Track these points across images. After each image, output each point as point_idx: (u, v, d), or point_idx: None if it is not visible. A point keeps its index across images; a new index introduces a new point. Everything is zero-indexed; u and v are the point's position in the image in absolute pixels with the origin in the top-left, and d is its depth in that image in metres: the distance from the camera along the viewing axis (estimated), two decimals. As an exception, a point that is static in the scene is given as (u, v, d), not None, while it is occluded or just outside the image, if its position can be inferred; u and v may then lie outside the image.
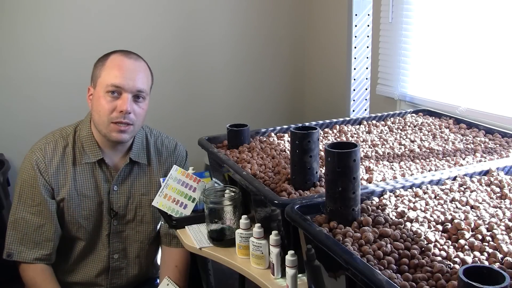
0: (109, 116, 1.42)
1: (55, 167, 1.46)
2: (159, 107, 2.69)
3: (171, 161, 1.61)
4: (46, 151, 1.47)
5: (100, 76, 1.44)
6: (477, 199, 1.07)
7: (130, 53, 1.48)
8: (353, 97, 2.61)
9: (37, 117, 2.50)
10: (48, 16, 2.46)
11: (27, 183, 1.46)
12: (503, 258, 0.84)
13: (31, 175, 1.45)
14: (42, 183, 1.45)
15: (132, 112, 1.43)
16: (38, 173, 1.45)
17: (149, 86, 1.51)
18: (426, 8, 2.03)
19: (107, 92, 1.41)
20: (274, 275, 1.14)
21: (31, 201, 1.45)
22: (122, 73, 1.42)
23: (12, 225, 1.46)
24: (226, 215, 1.29)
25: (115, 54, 1.46)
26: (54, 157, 1.47)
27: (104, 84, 1.42)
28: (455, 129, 1.64)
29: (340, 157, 0.95)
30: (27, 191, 1.46)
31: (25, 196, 1.46)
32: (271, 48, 2.96)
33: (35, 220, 1.45)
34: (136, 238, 1.57)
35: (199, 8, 2.75)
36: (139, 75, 1.45)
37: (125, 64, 1.44)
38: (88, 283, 1.56)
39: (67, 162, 1.48)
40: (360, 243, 0.89)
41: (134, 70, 1.44)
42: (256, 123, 2.42)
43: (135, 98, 1.44)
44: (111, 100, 1.41)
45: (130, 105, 1.42)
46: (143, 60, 1.51)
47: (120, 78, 1.41)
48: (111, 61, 1.44)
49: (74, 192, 1.47)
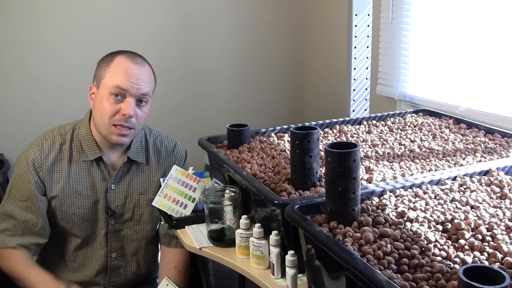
0: (111, 119, 1.42)
1: (50, 163, 1.47)
2: (159, 107, 2.69)
3: (170, 160, 1.60)
4: (43, 147, 1.48)
5: (104, 77, 1.43)
6: (477, 199, 1.07)
7: (135, 56, 1.48)
8: (353, 97, 2.61)
9: (37, 117, 2.50)
10: (48, 16, 2.46)
11: (20, 178, 1.47)
12: (503, 258, 0.84)
13: (24, 170, 1.46)
14: (34, 180, 1.45)
15: (134, 116, 1.43)
16: (32, 169, 1.46)
17: (152, 90, 1.51)
18: (426, 8, 2.03)
19: (111, 94, 1.41)
20: (274, 275, 1.14)
21: (20, 195, 1.47)
22: (127, 77, 1.41)
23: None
24: (226, 215, 1.29)
25: (121, 56, 1.45)
26: (50, 153, 1.48)
27: (109, 86, 1.41)
28: (455, 129, 1.64)
29: (340, 157, 0.95)
30: (18, 185, 1.47)
31: (15, 190, 1.48)
32: (271, 48, 2.96)
33: (22, 214, 1.46)
34: (134, 237, 1.57)
35: (199, 8, 2.75)
36: (144, 80, 1.45)
37: (131, 68, 1.43)
38: (86, 282, 1.56)
39: (63, 159, 1.48)
40: (360, 243, 0.89)
41: (140, 75, 1.44)
42: (256, 123, 2.41)
43: (138, 102, 1.44)
44: (115, 102, 1.41)
45: (133, 109, 1.42)
46: (148, 64, 1.50)
47: (126, 81, 1.41)
48: (117, 64, 1.43)
49: (68, 189, 1.47)
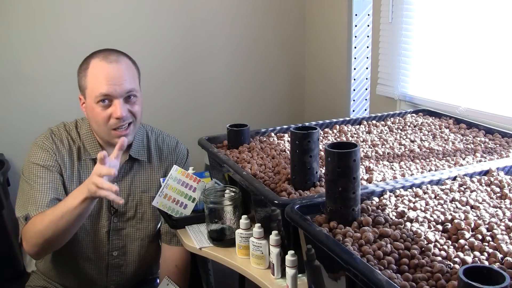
0: (107, 125, 1.42)
1: (65, 156, 1.47)
2: (159, 107, 2.70)
3: (172, 158, 1.61)
4: (54, 139, 1.48)
5: (86, 87, 1.42)
6: (477, 199, 1.07)
7: (109, 54, 1.44)
8: (353, 97, 2.62)
9: (37, 117, 2.50)
10: (49, 15, 2.46)
11: (39, 147, 1.44)
12: (503, 258, 0.84)
13: (47, 145, 1.45)
14: (54, 159, 1.44)
15: (128, 112, 1.43)
16: (51, 151, 1.44)
17: (137, 81, 1.48)
18: (426, 8, 2.03)
19: (97, 102, 1.40)
20: (274, 275, 1.14)
21: (41, 160, 1.44)
22: (107, 81, 1.39)
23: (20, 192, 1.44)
24: (226, 215, 1.29)
25: (95, 59, 1.42)
26: (61, 146, 1.48)
27: (93, 95, 1.40)
28: (455, 129, 1.64)
29: (340, 157, 0.95)
30: (39, 153, 1.45)
31: (35, 155, 1.45)
32: (271, 48, 2.96)
33: (43, 173, 1.43)
34: (136, 235, 1.57)
35: (199, 9, 2.75)
36: (125, 77, 1.42)
37: (108, 71, 1.40)
38: (87, 280, 1.56)
39: (73, 154, 1.49)
40: (360, 243, 0.89)
41: (118, 74, 1.41)
42: (256, 123, 2.41)
43: (126, 99, 1.43)
44: (104, 108, 1.41)
45: (123, 109, 1.41)
46: (124, 55, 1.47)
47: (106, 86, 1.39)
48: (93, 69, 1.41)
49: (78, 184, 1.46)
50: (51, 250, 1.45)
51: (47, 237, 1.32)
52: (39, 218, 1.34)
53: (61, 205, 1.32)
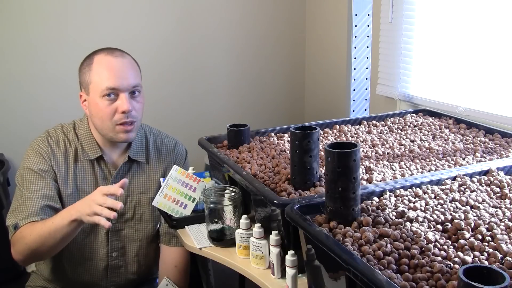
0: (112, 120, 1.42)
1: (58, 158, 1.46)
2: (159, 107, 2.70)
3: (170, 159, 1.60)
4: (50, 142, 1.47)
5: (91, 81, 1.42)
6: (477, 199, 1.07)
7: (113, 50, 1.45)
8: (353, 97, 2.61)
9: (37, 117, 2.50)
10: (50, 15, 2.46)
11: (30, 166, 1.43)
12: (503, 258, 0.84)
13: (35, 160, 1.43)
14: (49, 165, 1.43)
15: (133, 109, 1.43)
16: (46, 157, 1.44)
17: (140, 79, 1.49)
18: (426, 8, 2.03)
19: (103, 96, 1.40)
20: (274, 275, 1.14)
21: (35, 165, 1.43)
22: (113, 73, 1.40)
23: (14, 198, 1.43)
24: (226, 215, 1.29)
25: (99, 54, 1.43)
26: (57, 149, 1.47)
27: (99, 89, 1.40)
28: (455, 129, 1.64)
29: (340, 157, 0.95)
30: (33, 158, 1.44)
31: (29, 160, 1.44)
32: (271, 48, 2.96)
33: (36, 179, 1.42)
34: (135, 236, 1.57)
35: (199, 9, 2.75)
36: (130, 71, 1.43)
37: (113, 63, 1.41)
38: (86, 281, 1.56)
39: (69, 157, 1.48)
40: (360, 243, 0.89)
41: (124, 68, 1.42)
42: (256, 123, 2.41)
43: (131, 94, 1.43)
44: (110, 103, 1.40)
45: (130, 103, 1.42)
46: (127, 54, 1.48)
47: (113, 79, 1.39)
48: (98, 64, 1.41)
49: (74, 187, 1.47)
50: (39, 260, 1.48)
51: (34, 249, 1.34)
52: (28, 230, 1.34)
53: (50, 222, 1.32)
